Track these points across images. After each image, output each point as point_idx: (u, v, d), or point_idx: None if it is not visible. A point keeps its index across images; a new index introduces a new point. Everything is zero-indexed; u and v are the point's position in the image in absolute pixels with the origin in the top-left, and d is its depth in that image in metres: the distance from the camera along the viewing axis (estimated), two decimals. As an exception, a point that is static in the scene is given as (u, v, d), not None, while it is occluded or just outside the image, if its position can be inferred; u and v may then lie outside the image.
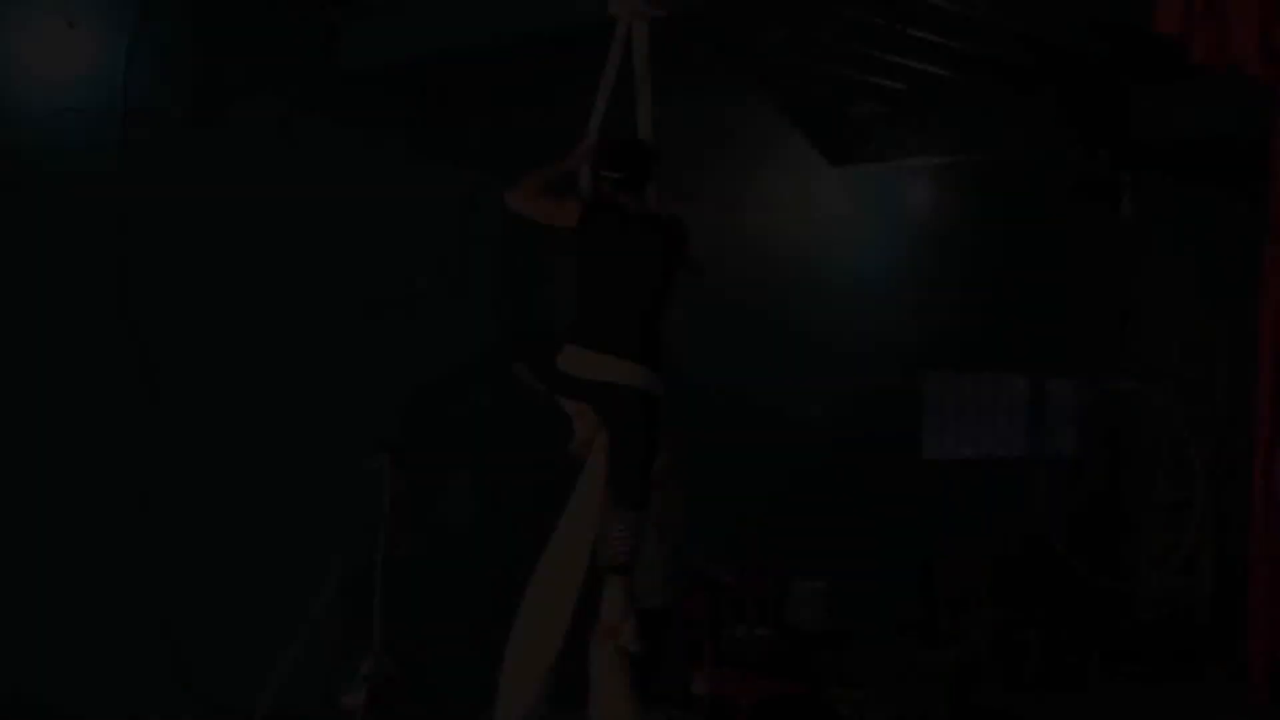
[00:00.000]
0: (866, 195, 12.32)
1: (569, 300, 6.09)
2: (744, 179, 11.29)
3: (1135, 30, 8.72)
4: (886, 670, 11.16)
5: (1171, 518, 14.40)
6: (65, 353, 8.06)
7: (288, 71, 8.87)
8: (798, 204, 11.71)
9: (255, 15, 8.74)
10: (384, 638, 9.16)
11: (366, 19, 8.84)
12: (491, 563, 9.67)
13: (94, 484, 8.18)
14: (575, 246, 5.94)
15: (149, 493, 8.35)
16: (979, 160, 11.83)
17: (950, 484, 13.22)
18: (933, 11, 8.85)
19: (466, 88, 9.48)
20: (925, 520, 12.75)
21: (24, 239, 7.88)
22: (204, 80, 8.56)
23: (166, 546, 8.43)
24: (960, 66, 10.18)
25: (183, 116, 8.47)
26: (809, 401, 11.40)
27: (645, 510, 6.04)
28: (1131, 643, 13.15)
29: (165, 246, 8.38)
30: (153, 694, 8.34)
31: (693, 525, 9.18)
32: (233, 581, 8.72)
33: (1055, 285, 14.14)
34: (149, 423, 8.34)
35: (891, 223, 12.53)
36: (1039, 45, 9.62)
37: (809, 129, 11.76)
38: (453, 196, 9.61)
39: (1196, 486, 12.27)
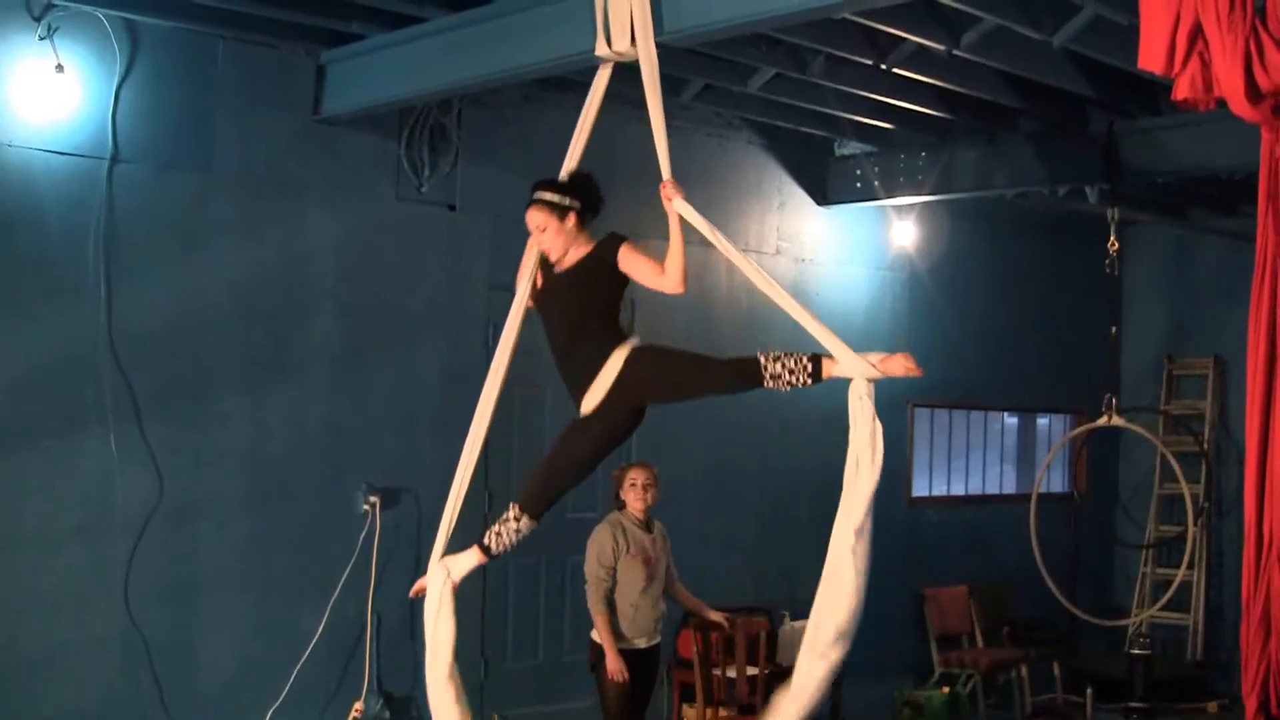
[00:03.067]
0: (854, 232, 12.30)
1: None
2: (732, 217, 11.26)
3: (1120, 69, 8.75)
4: (878, 708, 11.11)
5: (1162, 553, 14.40)
6: (53, 390, 7.99)
7: (276, 115, 8.84)
8: (785, 241, 11.69)
9: (244, 59, 8.72)
10: (375, 679, 9.14)
11: (350, 61, 8.81)
12: (484, 601, 9.67)
13: (86, 519, 8.11)
14: (623, 280, 5.97)
15: (142, 526, 8.29)
16: (965, 199, 11.83)
17: (939, 521, 13.20)
18: (919, 51, 8.85)
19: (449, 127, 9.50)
20: (914, 558, 12.74)
21: (9, 282, 7.82)
22: (191, 124, 8.53)
23: (158, 584, 8.38)
24: (947, 105, 10.18)
25: (170, 161, 8.42)
26: (791, 443, 11.37)
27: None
28: (1123, 678, 13.11)
29: (151, 290, 8.31)
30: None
31: (681, 565, 9.14)
32: (225, 620, 8.67)
33: (1044, 320, 14.16)
34: (139, 460, 8.26)
35: (877, 261, 12.52)
36: (1025, 84, 9.62)
37: (795, 168, 11.76)
38: (440, 235, 9.61)
39: (1187, 522, 12.22)
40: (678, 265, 5.90)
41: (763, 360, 5.69)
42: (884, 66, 9.10)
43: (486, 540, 6.11)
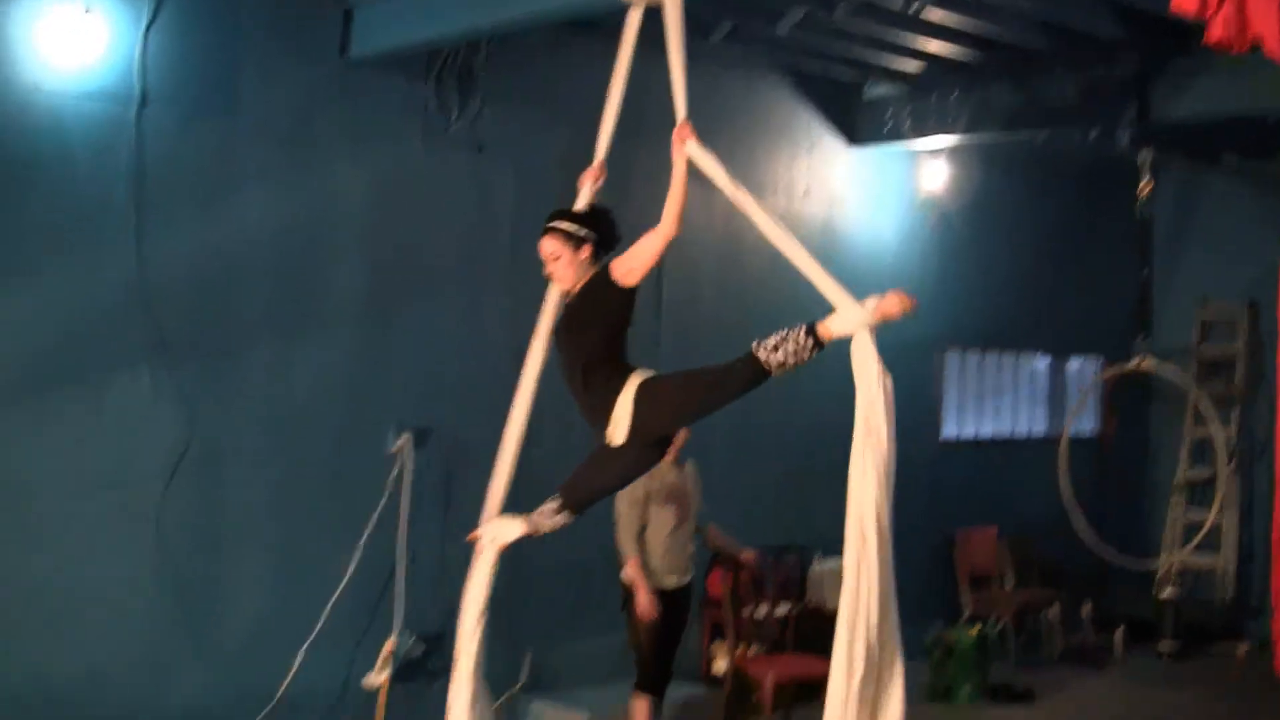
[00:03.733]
0: (883, 175, 12.27)
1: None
2: (760, 160, 11.25)
3: (1153, 11, 8.68)
4: (907, 649, 11.12)
5: (1194, 496, 14.37)
6: (82, 336, 8.02)
7: (303, 58, 8.83)
8: (814, 184, 11.66)
9: (271, 1, 8.72)
10: (406, 617, 9.19)
11: (377, 4, 8.79)
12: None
13: (116, 465, 8.16)
14: (622, 299, 5.88)
15: (171, 471, 8.32)
16: (996, 141, 11.77)
17: (970, 463, 13.20)
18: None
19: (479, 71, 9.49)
20: (946, 499, 12.75)
21: (38, 225, 7.84)
22: (219, 67, 8.53)
23: (188, 528, 8.41)
24: (977, 48, 10.13)
25: (197, 105, 8.42)
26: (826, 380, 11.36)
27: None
28: (1153, 620, 13.13)
29: (181, 234, 8.34)
30: (178, 676, 8.33)
31: (712, 505, 9.17)
32: (255, 562, 8.71)
33: (1075, 264, 14.11)
34: (168, 406, 8.31)
35: (908, 203, 12.48)
36: (1056, 26, 9.56)
37: (826, 110, 11.71)
38: (466, 179, 9.60)
39: (1218, 466, 12.21)
40: (676, 206, 5.79)
41: (761, 355, 5.57)
42: (913, 9, 9.05)
43: (532, 519, 6.13)
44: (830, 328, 5.60)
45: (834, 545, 10.92)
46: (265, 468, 8.74)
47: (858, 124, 11.88)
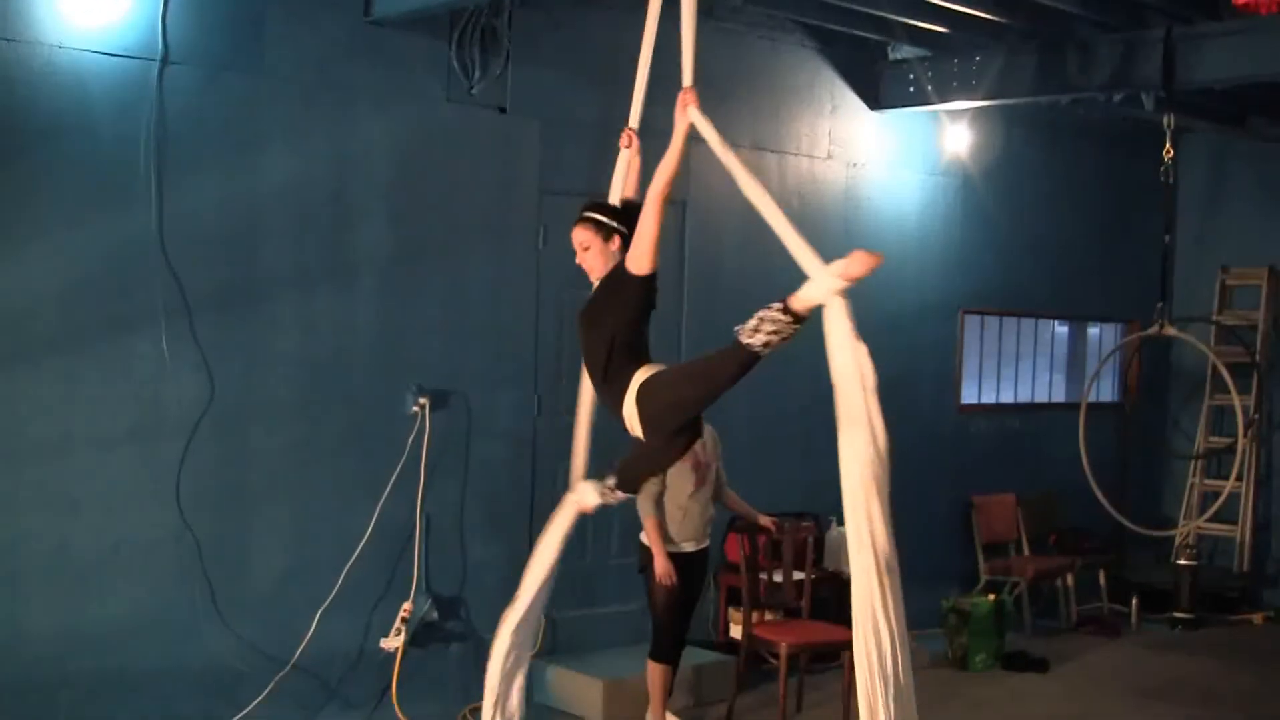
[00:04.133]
0: (906, 139, 12.22)
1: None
2: (782, 122, 11.21)
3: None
4: (924, 615, 11.14)
5: (1212, 465, 14.36)
6: (105, 294, 8.03)
7: (327, 16, 8.80)
8: (836, 147, 11.62)
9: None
10: (423, 580, 9.21)
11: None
12: (531, 505, 9.71)
13: (138, 423, 8.18)
14: (636, 290, 5.83)
15: (193, 429, 8.34)
16: (1020, 104, 11.71)
17: (988, 429, 13.18)
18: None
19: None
20: (964, 465, 12.75)
21: (61, 183, 7.84)
22: (242, 25, 8.50)
23: (209, 487, 8.43)
24: (1001, 9, 10.06)
25: (221, 63, 8.40)
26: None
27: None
28: (1169, 588, 13.13)
29: (203, 192, 8.33)
30: (197, 635, 8.37)
31: (731, 471, 9.17)
32: (274, 522, 8.73)
33: (1098, 229, 14.06)
34: (190, 364, 8.31)
35: (930, 166, 12.43)
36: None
37: (847, 72, 11.66)
38: (490, 138, 9.58)
39: (1237, 434, 12.18)
40: (668, 171, 5.72)
41: (745, 339, 5.50)
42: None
43: (603, 490, 6.22)
44: (802, 298, 5.47)
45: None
46: (285, 427, 8.74)
47: (881, 87, 11.82)
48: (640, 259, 5.77)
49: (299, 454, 8.80)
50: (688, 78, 5.95)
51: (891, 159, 12.13)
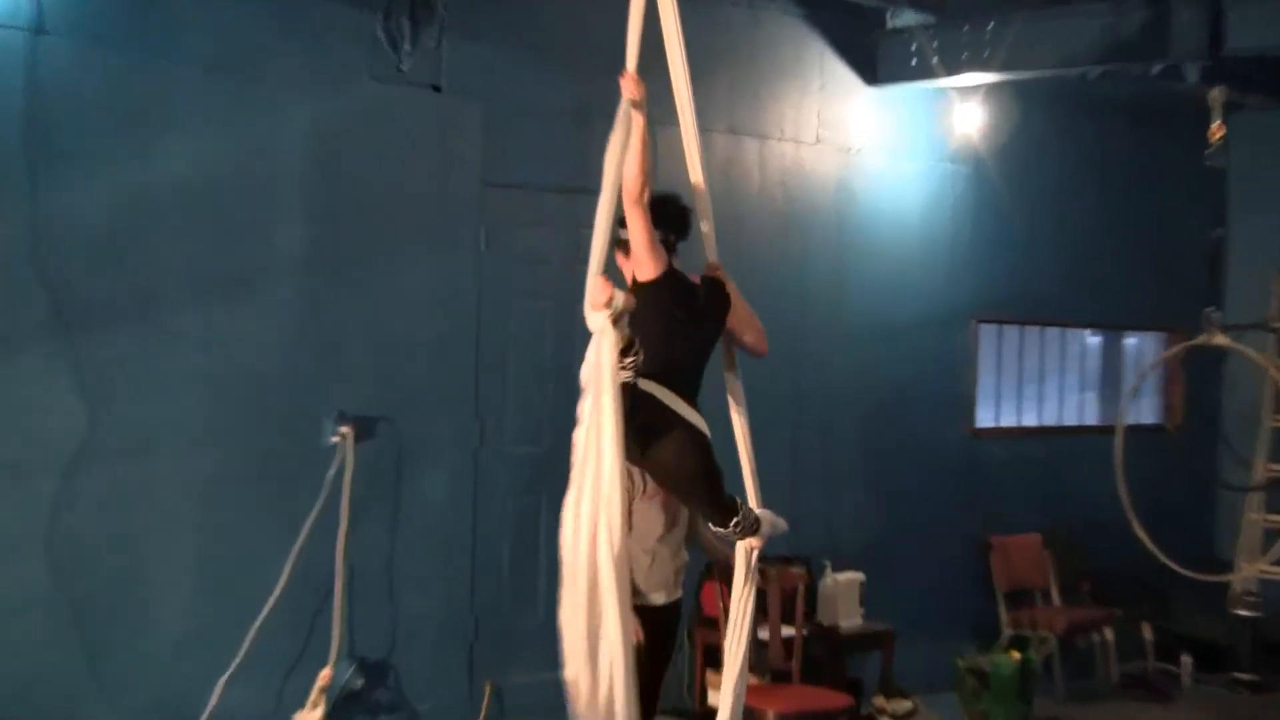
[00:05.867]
0: (908, 119, 12.26)
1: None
2: (764, 102, 11.25)
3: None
4: (935, 675, 11.16)
5: (1274, 496, 14.38)
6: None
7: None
8: (827, 130, 11.66)
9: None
10: (346, 642, 9.19)
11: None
12: (474, 546, 9.71)
13: (5, 454, 8.15)
14: (645, 297, 6.12)
15: (66, 476, 8.31)
16: (1040, 78, 11.76)
17: (1008, 457, 13.20)
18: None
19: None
20: (980, 499, 12.76)
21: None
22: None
23: (90, 531, 8.40)
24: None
25: (107, 34, 8.39)
26: (839, 361, 11.39)
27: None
28: (1226, 643, 13.14)
29: (86, 185, 8.31)
30: (75, 709, 8.33)
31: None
32: (168, 573, 8.70)
33: (1134, 222, 14.12)
34: (68, 387, 8.29)
35: (936, 152, 12.48)
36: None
37: (841, 43, 11.70)
38: (424, 123, 9.60)
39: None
40: (636, 161, 5.96)
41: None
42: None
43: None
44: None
45: (848, 556, 11.02)
46: (182, 461, 8.72)
47: (878, 59, 11.86)
48: (639, 264, 6.22)
49: (198, 493, 8.78)
50: (631, 60, 6.06)
51: (891, 144, 12.17)
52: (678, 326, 6.24)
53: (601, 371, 5.72)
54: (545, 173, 9.81)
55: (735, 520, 6.64)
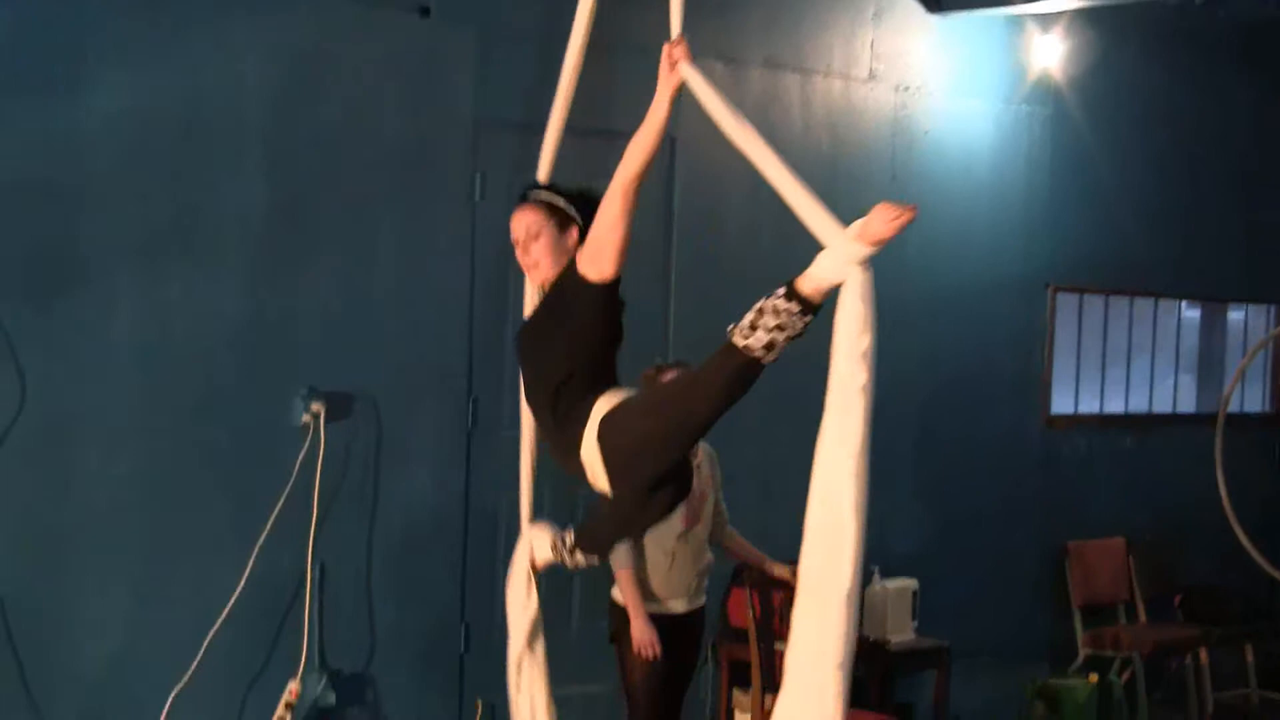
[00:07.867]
0: (975, 53, 12.31)
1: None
2: (809, 34, 11.30)
3: None
4: (1000, 702, 11.25)
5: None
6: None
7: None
8: (882, 65, 11.72)
9: None
10: (316, 652, 9.28)
11: None
12: (465, 549, 9.80)
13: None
14: (595, 301, 5.82)
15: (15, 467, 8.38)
16: (1132, 5, 11.79)
17: (1088, 450, 13.26)
18: None
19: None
20: (1055, 498, 12.82)
21: None
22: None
23: (16, 530, 8.44)
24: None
25: None
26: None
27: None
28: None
29: (4, 131, 8.34)
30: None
31: (735, 504, 9.25)
32: (109, 576, 8.73)
33: (1238, 178, 14.15)
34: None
35: (1008, 91, 12.53)
36: None
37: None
38: (408, 53, 9.63)
39: None
40: (644, 150, 5.58)
41: (739, 341, 5.39)
42: None
43: (557, 546, 6.44)
44: (813, 277, 5.41)
45: (899, 561, 11.10)
46: (124, 447, 8.72)
47: (940, -18, 11.94)
48: (600, 259, 5.73)
49: (143, 483, 8.79)
50: (676, 25, 5.86)
51: (956, 81, 12.24)
52: (618, 339, 5.99)
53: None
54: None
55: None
